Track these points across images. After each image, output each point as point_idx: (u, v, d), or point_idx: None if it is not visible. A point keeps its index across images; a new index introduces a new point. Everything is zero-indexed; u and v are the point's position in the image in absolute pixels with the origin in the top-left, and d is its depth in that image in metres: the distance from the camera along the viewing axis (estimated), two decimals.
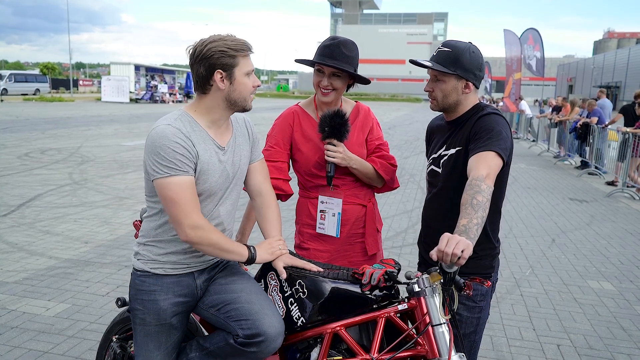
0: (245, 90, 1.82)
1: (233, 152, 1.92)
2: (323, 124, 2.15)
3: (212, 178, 1.83)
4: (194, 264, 1.91)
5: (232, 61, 1.77)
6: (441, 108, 2.02)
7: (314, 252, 2.30)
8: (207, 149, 1.82)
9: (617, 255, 5.46)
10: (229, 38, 1.79)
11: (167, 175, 1.73)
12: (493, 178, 1.74)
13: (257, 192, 2.07)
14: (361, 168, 2.24)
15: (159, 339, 1.89)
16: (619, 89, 52.05)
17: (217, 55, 1.74)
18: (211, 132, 1.86)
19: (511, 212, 7.14)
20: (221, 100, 1.82)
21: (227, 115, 1.90)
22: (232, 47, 1.76)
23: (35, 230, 5.54)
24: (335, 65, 2.12)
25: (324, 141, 2.18)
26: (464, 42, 1.97)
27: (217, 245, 1.80)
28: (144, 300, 1.88)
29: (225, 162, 1.88)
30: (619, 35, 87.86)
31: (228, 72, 1.77)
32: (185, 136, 1.76)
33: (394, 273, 1.81)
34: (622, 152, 9.32)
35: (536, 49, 16.39)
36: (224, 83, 1.79)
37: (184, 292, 1.89)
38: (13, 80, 39.02)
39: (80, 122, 19.23)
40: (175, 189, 1.73)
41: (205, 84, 1.80)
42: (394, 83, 76.41)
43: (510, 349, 3.35)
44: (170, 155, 1.72)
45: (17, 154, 10.79)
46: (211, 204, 1.89)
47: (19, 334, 3.28)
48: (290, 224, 5.85)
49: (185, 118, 1.82)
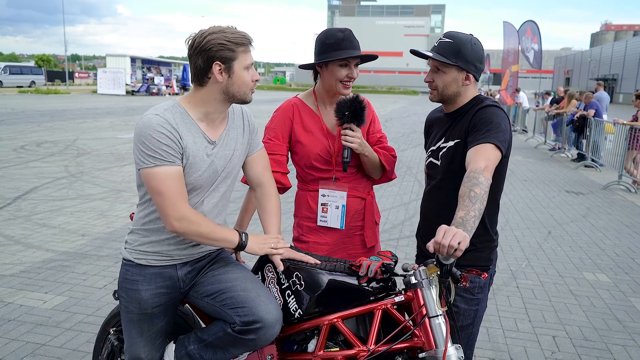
0: (244, 84, 1.79)
1: (224, 146, 1.89)
2: (342, 108, 2.11)
3: (197, 172, 1.81)
4: (177, 256, 1.91)
5: (232, 54, 1.73)
6: (440, 99, 2.01)
7: (313, 245, 2.30)
8: (196, 142, 1.79)
9: (613, 247, 5.48)
10: (229, 30, 1.75)
11: (153, 165, 1.71)
12: (491, 170, 1.74)
13: (257, 182, 2.06)
14: (371, 157, 2.22)
15: (141, 327, 1.92)
16: (616, 81, 52.12)
17: (216, 47, 1.71)
18: (202, 125, 1.83)
19: (508, 204, 7.17)
20: (218, 92, 1.79)
21: (223, 108, 1.85)
22: (232, 40, 1.72)
23: (31, 223, 5.52)
24: (368, 54, 2.13)
25: (341, 126, 2.15)
26: (466, 33, 1.96)
27: (204, 235, 1.80)
28: (127, 289, 1.91)
29: (214, 156, 1.85)
30: (616, 27, 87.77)
31: (227, 65, 1.74)
32: (172, 127, 1.73)
33: (391, 265, 1.81)
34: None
35: (534, 41, 16.36)
36: (223, 76, 1.75)
37: (166, 283, 1.90)
38: (8, 73, 38.81)
39: (76, 114, 19.14)
40: (160, 179, 1.72)
41: (203, 76, 1.76)
42: (391, 75, 76.26)
43: (506, 340, 3.37)
44: (154, 145, 1.70)
45: (13, 146, 10.74)
46: (196, 197, 1.87)
47: (16, 327, 3.28)
48: (288, 216, 5.84)
49: (176, 109, 1.79)
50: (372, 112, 2.37)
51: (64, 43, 43.06)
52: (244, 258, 2.20)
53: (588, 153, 11.11)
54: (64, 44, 43.30)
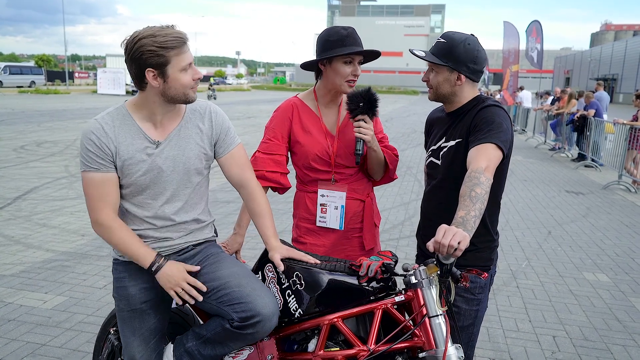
0: (181, 87, 1.76)
1: (173, 146, 1.86)
2: (356, 100, 2.08)
3: (136, 173, 1.82)
4: (157, 249, 1.91)
5: (163, 60, 1.70)
6: (436, 98, 2.03)
7: (310, 247, 2.29)
8: (133, 143, 1.80)
9: (613, 247, 5.48)
10: (159, 33, 1.69)
11: (82, 169, 1.81)
12: (492, 170, 1.73)
13: (238, 183, 2.03)
14: (378, 153, 2.21)
15: (133, 324, 1.93)
16: (616, 81, 52.11)
17: (145, 55, 1.68)
18: (147, 126, 1.83)
19: (508, 204, 7.16)
20: (157, 96, 1.79)
21: (167, 109, 1.84)
22: (161, 44, 1.68)
23: (31, 223, 5.53)
24: (372, 51, 2.13)
25: (353, 118, 2.12)
26: (464, 33, 1.96)
27: (116, 245, 1.83)
28: (117, 287, 1.94)
29: (156, 156, 1.83)
30: (616, 27, 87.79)
31: (160, 70, 1.71)
32: (105, 132, 1.78)
33: (391, 265, 1.81)
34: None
35: (537, 41, 16.38)
36: (158, 81, 1.74)
37: (150, 277, 1.89)
38: (8, 73, 38.80)
39: (76, 114, 19.15)
40: (85, 183, 1.81)
41: (140, 82, 1.76)
42: (391, 75, 76.27)
43: (507, 340, 3.37)
44: (84, 151, 1.79)
45: (13, 146, 10.74)
46: (154, 202, 1.87)
47: (16, 327, 3.28)
48: (288, 216, 5.85)
49: (119, 112, 1.84)
50: None
51: (64, 43, 43.10)
52: (244, 258, 2.20)
53: (588, 153, 11.11)
54: (64, 44, 43.33)
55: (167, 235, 1.93)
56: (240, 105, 28.15)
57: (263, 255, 2.04)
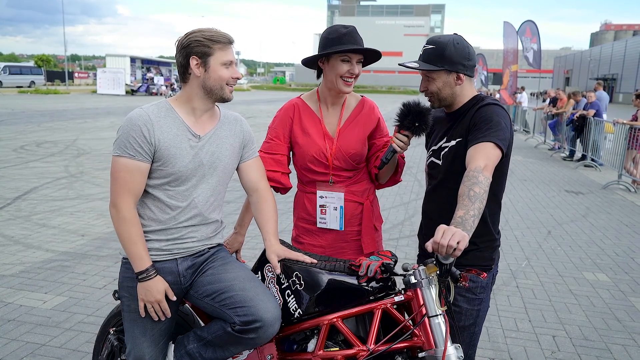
0: (219, 78, 1.87)
1: (212, 143, 1.95)
2: (415, 117, 2.00)
3: (182, 161, 1.87)
4: (176, 250, 1.93)
5: (208, 50, 1.85)
6: (440, 104, 2.02)
7: (307, 247, 2.29)
8: (178, 134, 1.87)
9: (613, 246, 5.49)
10: (208, 30, 1.87)
11: (117, 154, 1.84)
12: (491, 169, 1.73)
13: (253, 189, 2.10)
14: (395, 160, 2.21)
15: (144, 325, 1.92)
16: (616, 81, 52.13)
17: (193, 44, 1.84)
18: (190, 119, 1.92)
19: (507, 204, 7.17)
20: (198, 88, 1.89)
21: (207, 105, 1.94)
22: (208, 37, 1.85)
23: (31, 223, 5.53)
24: (371, 50, 2.11)
25: (400, 131, 2.04)
26: (448, 35, 1.97)
27: (124, 239, 1.85)
28: (129, 287, 1.92)
29: (199, 149, 1.91)
30: (615, 27, 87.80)
31: (203, 59, 1.85)
32: (150, 120, 1.83)
33: (391, 265, 1.81)
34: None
35: (533, 41, 16.35)
36: (200, 70, 1.86)
37: (167, 279, 1.91)
38: (8, 73, 38.77)
39: (76, 114, 19.14)
40: (117, 167, 1.84)
41: (184, 72, 1.89)
42: (391, 75, 76.26)
43: (506, 339, 3.38)
44: (124, 136, 1.82)
45: (13, 146, 10.74)
46: (183, 186, 1.91)
47: (16, 327, 3.28)
48: (287, 216, 5.85)
49: (162, 105, 1.91)
50: (377, 115, 2.33)
51: (64, 43, 43.05)
52: (244, 258, 2.20)
53: (588, 153, 11.11)
54: (63, 44, 43.26)
55: (192, 235, 1.95)
56: (240, 105, 28.15)
57: (262, 255, 2.04)
